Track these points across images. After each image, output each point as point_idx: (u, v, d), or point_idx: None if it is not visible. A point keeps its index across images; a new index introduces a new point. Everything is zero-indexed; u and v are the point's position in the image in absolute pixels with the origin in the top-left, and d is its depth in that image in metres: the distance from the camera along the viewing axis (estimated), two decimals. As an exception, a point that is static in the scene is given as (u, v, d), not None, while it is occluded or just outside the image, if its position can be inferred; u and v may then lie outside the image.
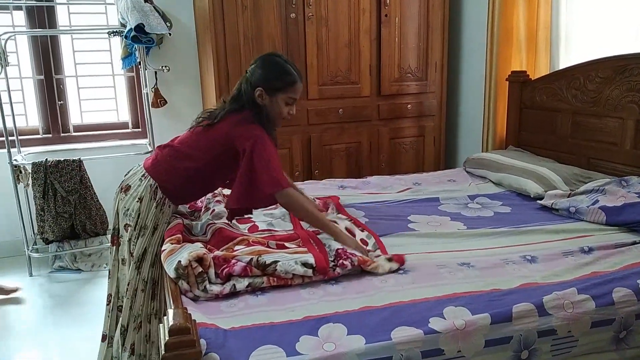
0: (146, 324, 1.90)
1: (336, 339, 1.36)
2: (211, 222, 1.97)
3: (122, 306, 1.91)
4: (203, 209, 2.17)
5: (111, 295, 1.97)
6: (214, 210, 2.09)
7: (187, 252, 1.59)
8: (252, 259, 1.64)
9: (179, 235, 1.78)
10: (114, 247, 1.95)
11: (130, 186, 1.90)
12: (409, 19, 3.60)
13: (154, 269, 1.91)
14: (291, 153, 3.49)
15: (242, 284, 1.59)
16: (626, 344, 1.64)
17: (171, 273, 1.57)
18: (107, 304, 1.99)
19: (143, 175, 1.90)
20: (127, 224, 1.88)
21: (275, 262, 1.63)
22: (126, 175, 1.99)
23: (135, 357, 1.88)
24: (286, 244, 1.83)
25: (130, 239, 1.88)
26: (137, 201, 1.87)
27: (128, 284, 1.88)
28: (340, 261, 1.68)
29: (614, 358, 1.64)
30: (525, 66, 3.26)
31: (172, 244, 1.71)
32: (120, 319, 1.88)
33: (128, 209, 1.87)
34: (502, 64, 3.30)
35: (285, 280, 1.63)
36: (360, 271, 1.72)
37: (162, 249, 1.71)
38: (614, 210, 2.13)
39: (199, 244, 1.73)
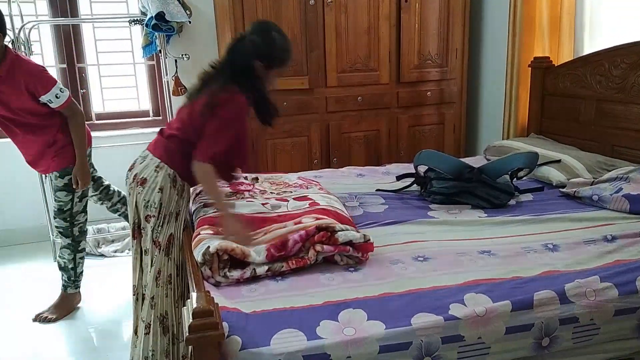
0: (180, 305, 1.93)
1: (356, 324, 1.37)
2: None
3: (145, 295, 1.93)
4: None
5: (135, 287, 2.00)
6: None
7: (219, 242, 1.61)
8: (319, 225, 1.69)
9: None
10: (135, 240, 1.96)
11: (146, 179, 1.89)
12: (429, 4, 3.55)
13: (182, 253, 1.93)
14: (310, 141, 3.49)
15: (262, 268, 1.61)
16: (650, 333, 1.62)
17: (198, 257, 1.59)
18: (133, 295, 2.01)
19: (157, 166, 1.90)
20: (148, 215, 1.89)
21: (339, 230, 1.69)
22: (131, 167, 1.96)
23: (177, 342, 1.93)
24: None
25: (153, 228, 1.89)
26: (158, 192, 1.87)
27: (159, 272, 1.89)
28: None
29: (636, 345, 1.63)
30: (548, 52, 3.20)
31: (210, 230, 1.75)
32: (152, 310, 1.89)
33: (148, 201, 1.88)
34: (525, 50, 3.25)
35: (305, 261, 1.64)
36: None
37: (197, 234, 1.74)
38: (638, 198, 2.09)
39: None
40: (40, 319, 2.62)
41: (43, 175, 3.25)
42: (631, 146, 2.59)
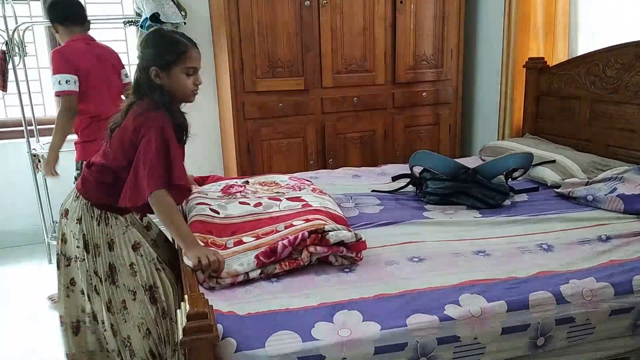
0: (154, 328, 1.84)
1: (352, 325, 1.36)
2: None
3: (78, 324, 1.87)
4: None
5: (62, 317, 1.90)
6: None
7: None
8: (309, 227, 1.69)
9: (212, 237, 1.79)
10: (59, 270, 1.87)
11: (68, 210, 1.83)
12: (425, 5, 3.56)
13: (140, 277, 1.81)
14: (305, 142, 3.49)
15: (255, 272, 1.60)
16: (644, 332, 1.63)
17: (188, 262, 1.59)
18: (61, 325, 1.91)
19: (75, 195, 1.83)
20: (78, 246, 1.81)
21: (329, 231, 1.69)
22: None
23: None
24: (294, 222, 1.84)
25: (86, 260, 1.80)
26: (77, 223, 1.79)
27: (109, 302, 1.80)
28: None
29: (630, 343, 1.64)
30: (543, 53, 3.21)
31: (200, 242, 1.71)
32: (115, 338, 1.82)
33: (73, 231, 1.80)
34: (520, 51, 3.26)
35: (298, 262, 1.64)
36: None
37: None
38: (632, 198, 2.10)
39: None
40: (52, 299, 2.80)
41: (38, 177, 3.24)
42: (625, 146, 2.60)
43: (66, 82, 2.53)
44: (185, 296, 1.30)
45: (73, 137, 2.76)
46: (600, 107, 2.74)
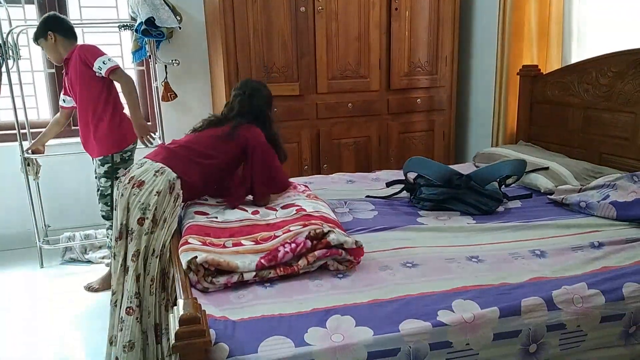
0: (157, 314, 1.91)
1: (344, 331, 1.36)
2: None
3: (130, 306, 1.87)
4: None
5: (114, 292, 1.95)
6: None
7: (206, 254, 1.60)
8: (309, 231, 1.70)
9: (209, 238, 1.80)
10: (121, 241, 1.92)
11: (144, 181, 1.93)
12: (420, 12, 3.58)
13: (164, 260, 1.91)
14: (300, 147, 3.49)
15: (249, 274, 1.60)
16: (635, 340, 1.63)
17: (183, 264, 1.58)
18: (112, 302, 1.96)
19: (157, 170, 1.96)
20: (142, 218, 1.88)
21: (330, 231, 1.72)
22: (128, 171, 2.02)
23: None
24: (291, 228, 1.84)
25: (146, 233, 1.87)
26: (155, 195, 1.90)
27: (152, 280, 1.87)
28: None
29: (623, 353, 1.63)
30: (537, 60, 3.24)
31: (198, 241, 1.73)
32: (149, 319, 1.86)
33: (144, 203, 1.89)
34: (513, 58, 3.28)
35: (293, 269, 1.64)
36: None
37: (185, 242, 1.72)
38: (625, 205, 2.11)
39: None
40: (89, 288, 2.97)
41: (30, 181, 3.23)
42: (618, 154, 2.62)
43: (109, 60, 2.73)
44: (179, 300, 1.29)
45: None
46: (593, 115, 2.76)
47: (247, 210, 2.08)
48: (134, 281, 1.85)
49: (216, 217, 2.00)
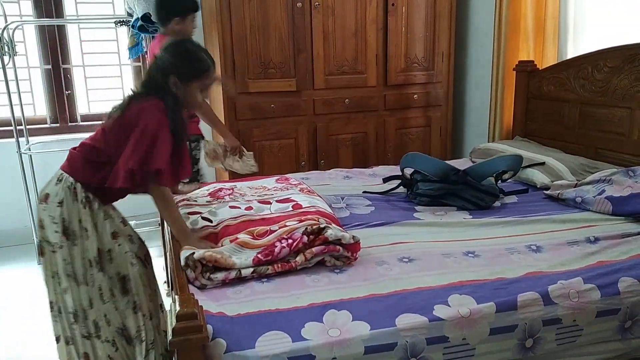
0: (120, 320, 1.84)
1: (341, 325, 1.37)
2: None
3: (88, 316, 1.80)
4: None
5: (52, 302, 1.84)
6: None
7: (204, 251, 1.60)
8: (306, 227, 1.70)
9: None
10: (43, 257, 1.80)
11: (48, 194, 1.76)
12: (416, 8, 3.58)
13: (116, 265, 1.81)
14: (297, 143, 3.49)
15: (248, 269, 1.60)
16: (631, 334, 1.64)
17: (181, 261, 1.59)
18: (52, 310, 1.84)
19: (58, 178, 1.77)
20: (57, 231, 1.75)
21: (326, 227, 1.71)
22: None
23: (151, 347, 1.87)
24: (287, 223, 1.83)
25: (60, 247, 1.75)
26: (58, 206, 1.74)
27: (100, 289, 1.77)
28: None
29: (619, 347, 1.65)
30: (533, 56, 3.24)
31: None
32: (109, 327, 1.80)
33: (52, 216, 1.74)
34: (510, 54, 3.28)
35: (291, 265, 1.64)
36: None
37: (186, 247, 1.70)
38: (621, 200, 2.12)
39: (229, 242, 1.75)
40: None
41: (27, 177, 3.22)
42: (614, 149, 2.63)
43: None
44: (175, 296, 1.30)
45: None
46: (589, 110, 2.77)
47: (240, 207, 2.06)
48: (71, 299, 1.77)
49: (211, 221, 1.93)
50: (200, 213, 2.01)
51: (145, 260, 1.92)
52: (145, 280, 1.87)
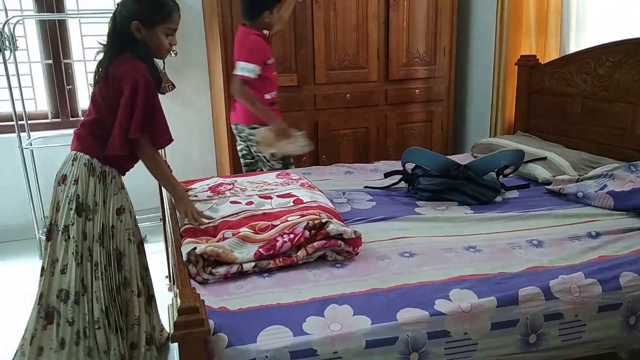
0: (117, 296, 1.87)
1: (342, 320, 1.37)
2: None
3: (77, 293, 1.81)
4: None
5: (42, 296, 1.83)
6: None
7: (206, 245, 1.60)
8: (308, 222, 1.70)
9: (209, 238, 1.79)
10: (50, 242, 1.84)
11: (66, 175, 1.83)
12: (418, 2, 3.56)
13: (116, 240, 1.87)
14: (298, 138, 3.48)
15: (249, 264, 1.60)
16: (638, 330, 1.63)
17: (183, 255, 1.59)
18: (38, 304, 1.84)
19: (73, 158, 1.84)
20: (71, 208, 1.80)
21: (328, 222, 1.71)
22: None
23: (120, 333, 1.88)
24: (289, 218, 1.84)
25: (73, 224, 1.80)
26: (74, 184, 1.80)
27: (96, 265, 1.82)
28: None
29: (625, 342, 1.64)
30: (535, 50, 3.23)
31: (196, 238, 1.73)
32: (97, 304, 1.81)
33: (69, 196, 1.80)
34: (512, 48, 3.27)
35: (292, 260, 1.65)
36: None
37: (186, 241, 1.70)
38: (622, 195, 2.12)
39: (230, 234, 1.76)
40: None
41: (29, 172, 3.22)
42: (616, 144, 2.62)
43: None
44: (177, 291, 1.30)
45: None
46: (591, 105, 2.76)
47: (241, 202, 2.06)
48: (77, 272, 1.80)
49: (212, 219, 1.93)
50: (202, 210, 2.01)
51: (138, 246, 1.98)
52: (137, 261, 1.94)
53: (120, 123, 1.76)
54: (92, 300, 1.83)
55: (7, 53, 3.12)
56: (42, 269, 1.87)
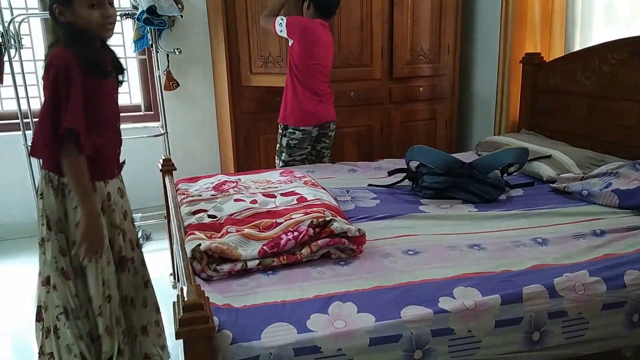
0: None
1: (346, 317, 1.37)
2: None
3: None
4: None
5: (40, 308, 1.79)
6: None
7: (210, 242, 1.61)
8: (312, 220, 1.70)
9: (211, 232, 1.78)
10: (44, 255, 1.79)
11: (43, 192, 1.74)
12: (422, 0, 3.55)
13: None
14: (302, 136, 3.48)
15: (254, 261, 1.61)
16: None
17: (188, 252, 1.59)
18: (38, 321, 1.79)
19: (41, 175, 1.74)
20: (42, 223, 1.74)
21: (332, 220, 1.71)
22: None
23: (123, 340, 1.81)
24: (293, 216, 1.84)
25: (49, 240, 1.74)
26: (40, 198, 1.72)
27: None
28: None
29: (627, 341, 1.64)
30: (540, 48, 3.22)
31: (202, 234, 1.73)
32: (104, 316, 1.75)
33: (39, 210, 1.74)
34: (516, 46, 3.26)
35: (296, 257, 1.65)
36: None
37: (192, 233, 1.71)
38: (627, 193, 2.11)
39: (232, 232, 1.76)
40: None
41: (34, 170, 3.23)
42: (621, 142, 2.61)
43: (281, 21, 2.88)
44: (182, 287, 1.30)
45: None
46: (596, 103, 2.75)
47: (245, 200, 2.06)
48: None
49: (215, 217, 1.94)
50: (205, 210, 2.01)
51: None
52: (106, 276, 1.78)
53: (39, 119, 1.61)
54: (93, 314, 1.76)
55: (12, 51, 3.13)
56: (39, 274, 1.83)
